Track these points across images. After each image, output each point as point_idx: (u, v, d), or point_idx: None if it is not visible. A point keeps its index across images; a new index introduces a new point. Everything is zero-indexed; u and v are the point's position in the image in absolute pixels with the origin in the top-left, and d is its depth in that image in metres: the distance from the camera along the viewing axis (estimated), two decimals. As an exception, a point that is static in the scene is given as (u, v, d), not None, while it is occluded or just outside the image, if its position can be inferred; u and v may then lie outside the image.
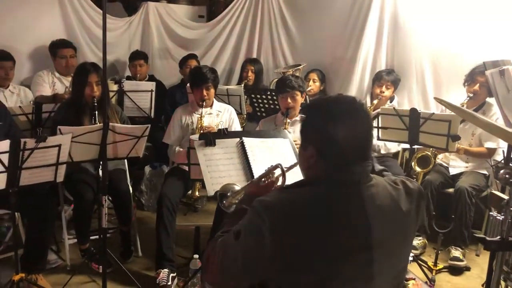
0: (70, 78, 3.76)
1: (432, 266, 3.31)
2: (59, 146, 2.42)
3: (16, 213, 2.85)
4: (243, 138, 2.44)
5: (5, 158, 2.25)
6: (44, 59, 4.27)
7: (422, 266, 3.26)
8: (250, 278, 1.34)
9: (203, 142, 2.36)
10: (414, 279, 2.18)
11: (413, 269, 3.30)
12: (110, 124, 2.66)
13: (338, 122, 1.33)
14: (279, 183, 1.80)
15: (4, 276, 2.83)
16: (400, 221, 1.38)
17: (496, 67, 1.94)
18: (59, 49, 4.15)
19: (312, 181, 1.39)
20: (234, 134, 2.50)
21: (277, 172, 1.82)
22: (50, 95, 3.96)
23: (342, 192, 1.32)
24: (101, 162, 2.82)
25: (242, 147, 2.41)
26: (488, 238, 1.23)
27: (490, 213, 1.30)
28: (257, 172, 2.23)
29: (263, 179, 1.80)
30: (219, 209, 3.03)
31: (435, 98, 3.16)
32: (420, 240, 3.60)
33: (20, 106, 3.31)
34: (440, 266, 3.35)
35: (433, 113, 3.08)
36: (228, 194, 1.86)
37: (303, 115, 1.70)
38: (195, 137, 2.49)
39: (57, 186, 3.14)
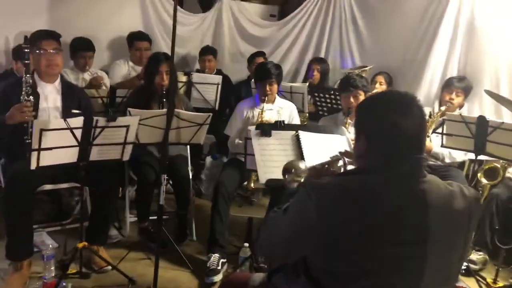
0: (143, 67, 3.98)
1: (491, 283, 3.15)
2: (128, 126, 2.59)
3: (85, 187, 3.10)
4: (299, 131, 2.47)
5: (78, 133, 2.44)
6: (122, 48, 4.55)
7: (480, 282, 3.12)
8: (293, 252, 1.41)
9: (259, 132, 2.42)
10: (463, 287, 2.10)
11: (471, 284, 3.16)
12: (175, 110, 2.79)
13: (389, 113, 1.36)
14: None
15: (70, 244, 3.05)
16: (450, 222, 1.35)
17: None
18: (136, 41, 4.40)
19: (362, 170, 1.42)
20: (291, 127, 2.54)
21: (340, 163, 1.83)
22: (125, 82, 4.22)
23: (391, 182, 1.32)
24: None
25: (297, 140, 2.45)
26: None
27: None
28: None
29: (326, 166, 1.83)
30: (271, 204, 3.09)
31: (485, 91, 3.04)
32: (480, 255, 3.43)
33: (96, 90, 3.55)
34: (500, 284, 3.17)
35: (503, 122, 2.94)
36: (292, 171, 1.91)
37: None
38: (253, 127, 2.55)
39: (123, 167, 3.35)
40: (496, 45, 3.81)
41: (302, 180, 1.83)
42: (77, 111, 2.98)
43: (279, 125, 2.53)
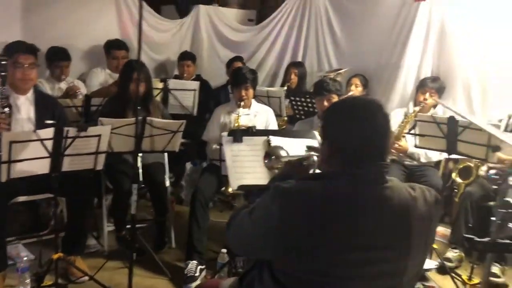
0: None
1: (466, 280, 3.19)
2: (99, 136, 2.59)
3: (62, 198, 3.08)
4: (270, 137, 2.48)
5: (49, 144, 2.44)
6: (99, 57, 4.54)
7: (456, 280, 3.16)
8: (255, 252, 1.47)
9: (231, 139, 2.43)
10: (433, 287, 2.13)
11: (446, 281, 3.21)
12: (148, 118, 2.81)
13: (353, 121, 1.39)
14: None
15: (47, 256, 3.03)
16: (412, 227, 1.36)
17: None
18: (113, 50, 4.39)
19: (326, 175, 1.45)
20: (262, 133, 2.55)
21: (315, 158, 1.85)
22: (102, 89, 4.21)
23: (353, 189, 1.34)
24: (140, 154, 3.00)
25: (268, 146, 2.46)
26: (476, 239, 1.21)
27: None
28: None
29: (301, 161, 1.84)
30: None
31: (439, 102, 3.13)
32: (456, 253, 3.49)
33: (70, 99, 3.54)
34: (475, 281, 3.22)
35: (472, 122, 2.99)
36: (273, 157, 1.92)
37: None
38: (226, 134, 2.57)
39: (100, 176, 3.35)
40: (466, 46, 3.87)
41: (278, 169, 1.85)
42: (51, 122, 2.96)
43: (251, 131, 2.55)
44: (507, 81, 3.56)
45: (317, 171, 1.81)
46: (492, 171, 1.19)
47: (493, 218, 1.22)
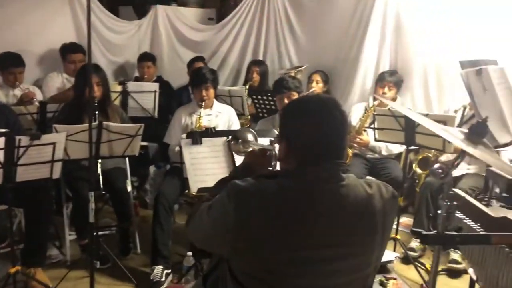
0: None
1: (429, 269, 3.28)
2: (54, 144, 2.51)
3: (19, 209, 2.99)
4: (230, 137, 2.47)
5: (1, 154, 2.35)
6: (55, 61, 4.40)
7: (419, 268, 3.23)
8: (212, 248, 1.51)
9: (189, 141, 2.41)
10: (395, 278, 2.17)
11: (410, 271, 3.29)
12: (104, 123, 2.75)
13: (308, 119, 1.39)
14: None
15: (4, 270, 2.93)
16: (369, 223, 1.38)
17: (474, 66, 1.93)
18: (69, 53, 4.27)
19: (282, 173, 1.45)
20: (222, 133, 2.54)
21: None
22: (59, 94, 4.09)
23: (309, 187, 1.35)
24: (98, 161, 2.94)
25: (228, 146, 2.45)
26: (424, 232, 1.24)
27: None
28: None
29: (265, 151, 1.83)
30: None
31: (375, 96, 3.20)
32: (419, 242, 3.57)
33: (25, 106, 3.43)
34: (439, 268, 3.30)
35: (428, 114, 3.07)
36: (239, 140, 1.90)
37: None
38: (184, 136, 2.54)
39: (59, 183, 3.26)
40: (422, 40, 3.97)
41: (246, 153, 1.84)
42: (4, 130, 2.86)
43: (210, 132, 2.53)
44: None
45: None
46: (436, 165, 1.21)
47: (439, 211, 1.24)
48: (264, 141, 2.53)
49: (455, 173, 3.65)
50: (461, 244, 1.40)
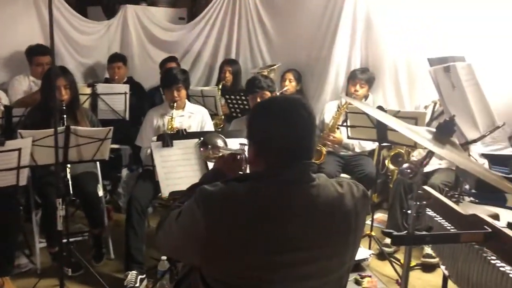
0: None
1: (404, 264, 3.31)
2: (19, 150, 2.43)
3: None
4: (202, 138, 2.44)
5: (-37, 162, 2.26)
6: (21, 63, 4.27)
7: (394, 264, 3.27)
8: (183, 257, 1.47)
9: (160, 144, 2.37)
10: (370, 276, 2.18)
11: (385, 267, 3.31)
12: (72, 127, 2.68)
13: (275, 120, 1.37)
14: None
15: (-28, 281, 2.83)
16: (341, 223, 1.37)
17: (442, 63, 1.95)
18: (36, 56, 4.14)
19: (251, 177, 1.42)
20: (193, 135, 2.50)
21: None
22: (26, 97, 3.98)
23: (278, 189, 1.32)
24: (68, 166, 2.86)
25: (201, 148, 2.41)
26: (394, 233, 1.24)
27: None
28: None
29: (234, 156, 1.80)
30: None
31: (345, 97, 3.24)
32: (393, 238, 3.60)
33: (-11, 111, 3.31)
34: (413, 263, 3.35)
35: (399, 111, 3.10)
36: (209, 146, 1.86)
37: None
38: (155, 138, 2.50)
39: (28, 190, 3.16)
40: (392, 37, 4.01)
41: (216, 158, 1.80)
42: (-33, 137, 2.77)
43: (181, 134, 2.49)
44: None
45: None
46: (405, 165, 1.21)
47: (409, 211, 1.24)
48: (235, 144, 2.52)
49: (427, 168, 3.71)
50: (431, 243, 1.41)
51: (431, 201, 1.41)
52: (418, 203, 1.23)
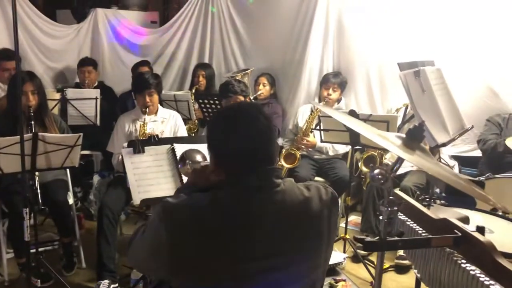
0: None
1: (378, 266, 3.34)
2: (-17, 158, 2.35)
3: None
4: (174, 144, 2.41)
5: None
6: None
7: (369, 266, 3.29)
8: (152, 271, 1.45)
9: (131, 150, 2.32)
10: (344, 280, 2.19)
11: (361, 269, 3.34)
12: (40, 134, 2.60)
13: (233, 128, 1.34)
14: None
15: None
16: (310, 227, 1.36)
17: (412, 67, 1.98)
18: (3, 61, 4.03)
19: (214, 185, 1.39)
20: (165, 141, 2.47)
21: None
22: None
23: (242, 197, 1.30)
24: (36, 173, 2.79)
25: (172, 154, 2.39)
26: (367, 239, 1.24)
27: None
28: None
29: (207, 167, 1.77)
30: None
31: (317, 104, 3.26)
32: (368, 240, 3.63)
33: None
34: (387, 265, 3.38)
35: (371, 114, 3.13)
36: (187, 161, 1.81)
37: None
38: (126, 145, 2.45)
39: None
40: (363, 41, 4.05)
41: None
42: None
43: (153, 140, 2.45)
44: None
45: None
46: (376, 171, 1.22)
47: (381, 217, 1.25)
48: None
49: (399, 171, 3.74)
50: (403, 249, 1.42)
51: (402, 206, 1.42)
52: (389, 208, 1.23)
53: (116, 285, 2.94)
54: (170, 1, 5.78)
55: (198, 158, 1.86)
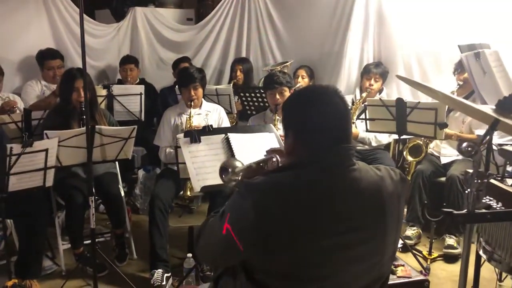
0: (58, 85, 3.77)
1: (427, 255, 3.32)
2: (46, 150, 2.44)
3: (9, 220, 2.89)
4: (229, 134, 2.45)
5: (-8, 164, 2.27)
6: (33, 68, 4.27)
7: (417, 256, 3.27)
8: (231, 256, 1.38)
9: (188, 140, 2.37)
10: (403, 265, 2.18)
11: (408, 259, 3.30)
12: (97, 126, 2.69)
13: (312, 108, 1.38)
14: None
15: (1, 283, 2.83)
16: (383, 207, 1.38)
17: (471, 50, 1.95)
18: (47, 60, 4.15)
19: (294, 165, 1.42)
20: (219, 131, 2.51)
21: (274, 160, 1.81)
22: (40, 101, 3.98)
23: (322, 175, 1.34)
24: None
25: (227, 143, 2.42)
26: (455, 212, 1.24)
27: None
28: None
29: (261, 164, 1.80)
30: (210, 208, 3.06)
31: (397, 76, 3.20)
32: (414, 230, 3.61)
33: (9, 114, 3.31)
34: (435, 255, 3.36)
35: (419, 102, 3.10)
36: (229, 170, 1.84)
37: None
38: (182, 135, 2.50)
39: (50, 192, 3.17)
40: (404, 31, 4.01)
41: (239, 179, 1.79)
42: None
43: (208, 130, 2.49)
44: (445, 60, 3.71)
45: None
46: (465, 144, 1.22)
47: (467, 190, 1.25)
48: (261, 138, 2.51)
49: (445, 160, 3.72)
50: (492, 221, 1.41)
51: (491, 178, 1.41)
52: (479, 180, 1.23)
53: (169, 274, 3.00)
54: (203, -3, 5.84)
55: (238, 164, 1.87)
